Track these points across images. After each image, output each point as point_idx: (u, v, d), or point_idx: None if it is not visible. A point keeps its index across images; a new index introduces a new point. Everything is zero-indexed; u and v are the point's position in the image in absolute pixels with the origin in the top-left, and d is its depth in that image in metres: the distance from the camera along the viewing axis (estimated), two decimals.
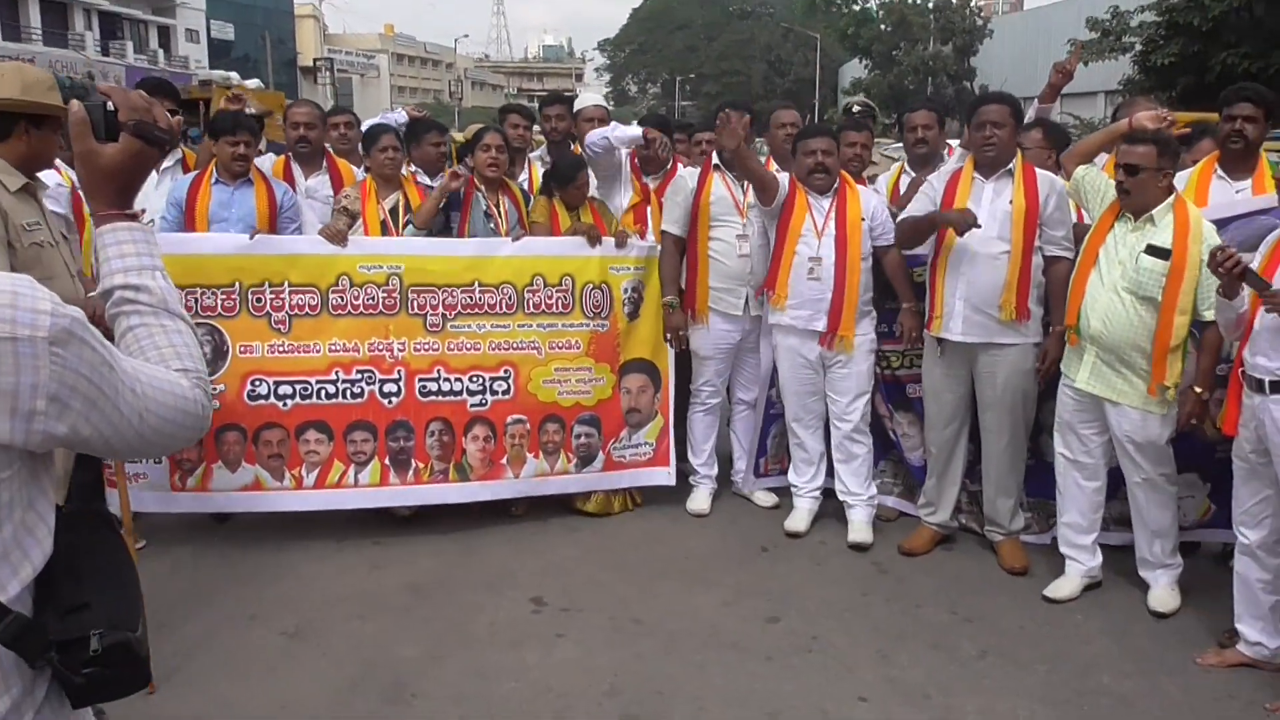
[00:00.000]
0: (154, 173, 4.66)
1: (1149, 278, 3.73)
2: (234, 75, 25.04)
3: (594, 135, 5.06)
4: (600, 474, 4.91)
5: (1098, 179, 4.09)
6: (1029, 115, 5.26)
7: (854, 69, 45.08)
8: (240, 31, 47.00)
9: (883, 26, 40.65)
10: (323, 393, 4.54)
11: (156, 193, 4.72)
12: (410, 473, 4.63)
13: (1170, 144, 3.87)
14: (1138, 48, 22.10)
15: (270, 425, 4.50)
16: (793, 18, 55.91)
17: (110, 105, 1.39)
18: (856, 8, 44.11)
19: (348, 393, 4.56)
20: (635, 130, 5.17)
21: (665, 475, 5.06)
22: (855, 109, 6.45)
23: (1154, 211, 3.78)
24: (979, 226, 4.14)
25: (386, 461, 4.60)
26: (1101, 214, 3.95)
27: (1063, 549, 4.19)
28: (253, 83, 23.85)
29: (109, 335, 3.06)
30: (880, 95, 38.90)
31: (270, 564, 4.37)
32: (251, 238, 4.47)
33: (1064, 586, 4.11)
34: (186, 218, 4.62)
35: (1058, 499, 4.21)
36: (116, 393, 1.21)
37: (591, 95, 5.81)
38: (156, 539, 4.53)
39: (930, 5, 39.20)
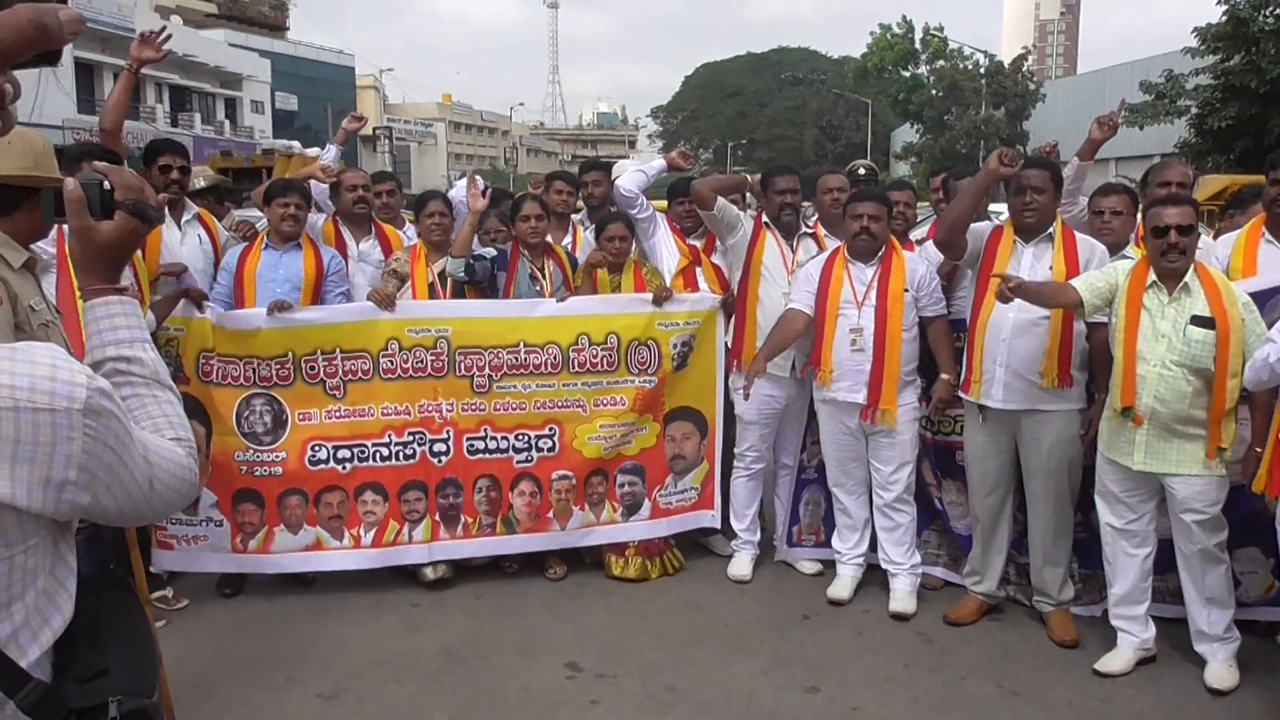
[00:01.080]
0: (176, 228, 4.80)
1: (1201, 349, 3.64)
2: (295, 144, 25.77)
3: (621, 181, 5.14)
4: (648, 522, 4.94)
5: (1101, 282, 3.92)
6: (1068, 172, 5.22)
7: (905, 133, 45.26)
8: (304, 102, 48.53)
9: (934, 92, 40.81)
10: (378, 455, 4.67)
11: (183, 248, 4.81)
12: (459, 527, 4.73)
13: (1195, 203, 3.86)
14: (1193, 111, 21.91)
15: (331, 488, 4.65)
16: (844, 84, 56.37)
17: (107, 184, 1.43)
18: (908, 74, 44.33)
19: (400, 454, 4.68)
20: (657, 162, 5.29)
21: (710, 518, 5.07)
22: (861, 171, 6.44)
23: (1187, 279, 3.72)
24: (1019, 160, 4.14)
25: (437, 518, 4.71)
26: (1126, 290, 3.83)
27: (1114, 621, 4.05)
28: (313, 151, 24.55)
29: None
30: (932, 159, 38.95)
31: (308, 626, 4.38)
32: (270, 312, 4.51)
33: (1116, 660, 3.97)
34: (235, 280, 4.73)
35: (1106, 569, 4.08)
36: (133, 461, 1.24)
37: (629, 162, 5.90)
38: (197, 599, 4.57)
39: (982, 71, 39.33)
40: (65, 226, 1.46)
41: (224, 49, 42.58)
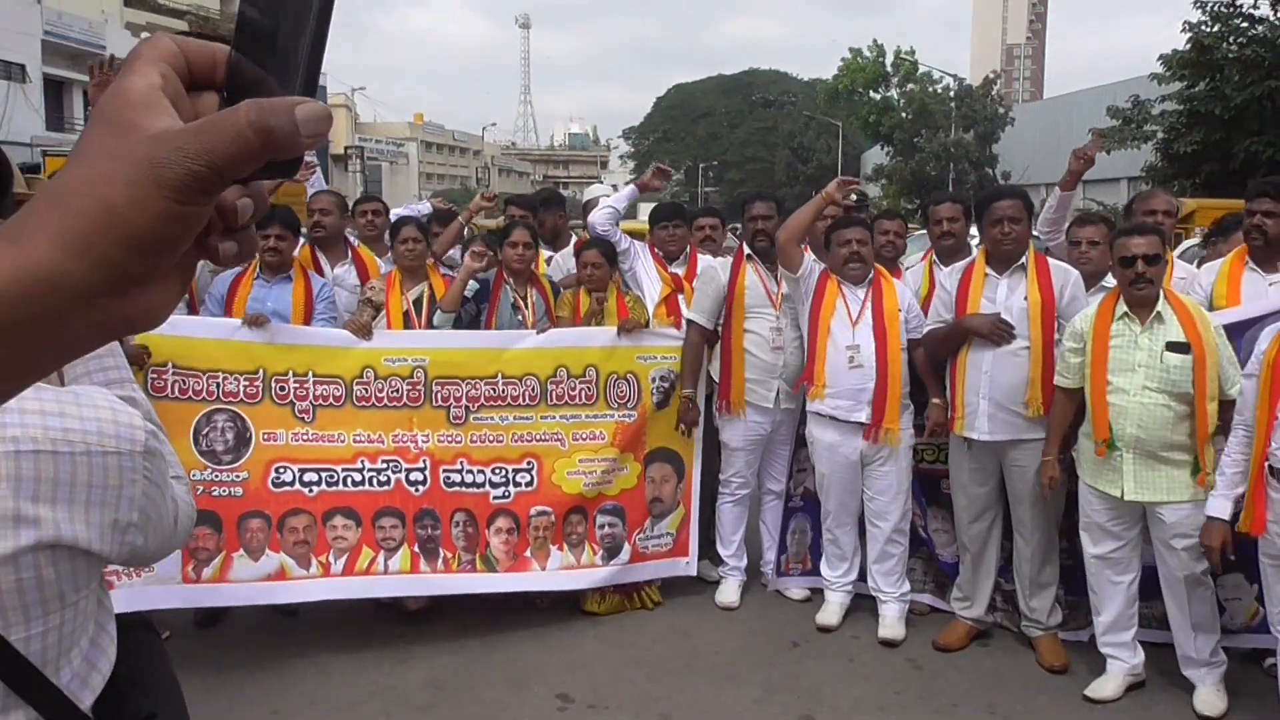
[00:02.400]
0: None
1: (1179, 374, 3.69)
2: None
3: (593, 217, 5.17)
4: (626, 566, 4.80)
5: (1069, 359, 3.97)
6: (1050, 202, 5.28)
7: (876, 155, 45.64)
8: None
9: (904, 114, 41.22)
10: (349, 480, 4.46)
11: None
12: (440, 561, 4.54)
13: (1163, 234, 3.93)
14: (1160, 135, 22.28)
15: (296, 511, 4.38)
16: (815, 106, 56.88)
17: None
18: (878, 96, 44.76)
19: (374, 480, 4.49)
20: (627, 190, 5.31)
21: (685, 565, 4.97)
22: (853, 198, 6.45)
23: (1159, 308, 3.77)
24: (1013, 331, 4.15)
25: (416, 549, 4.50)
26: (1093, 323, 3.88)
27: (1103, 648, 4.06)
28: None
29: None
30: (902, 181, 39.30)
31: (292, 657, 4.31)
32: (246, 324, 4.37)
33: (1106, 686, 3.98)
34: (225, 310, 4.61)
35: (1091, 597, 4.10)
36: (166, 501, 1.25)
37: (599, 188, 5.91)
38: (179, 630, 4.47)
39: (951, 94, 39.80)
40: None
41: None
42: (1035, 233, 4.66)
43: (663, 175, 5.49)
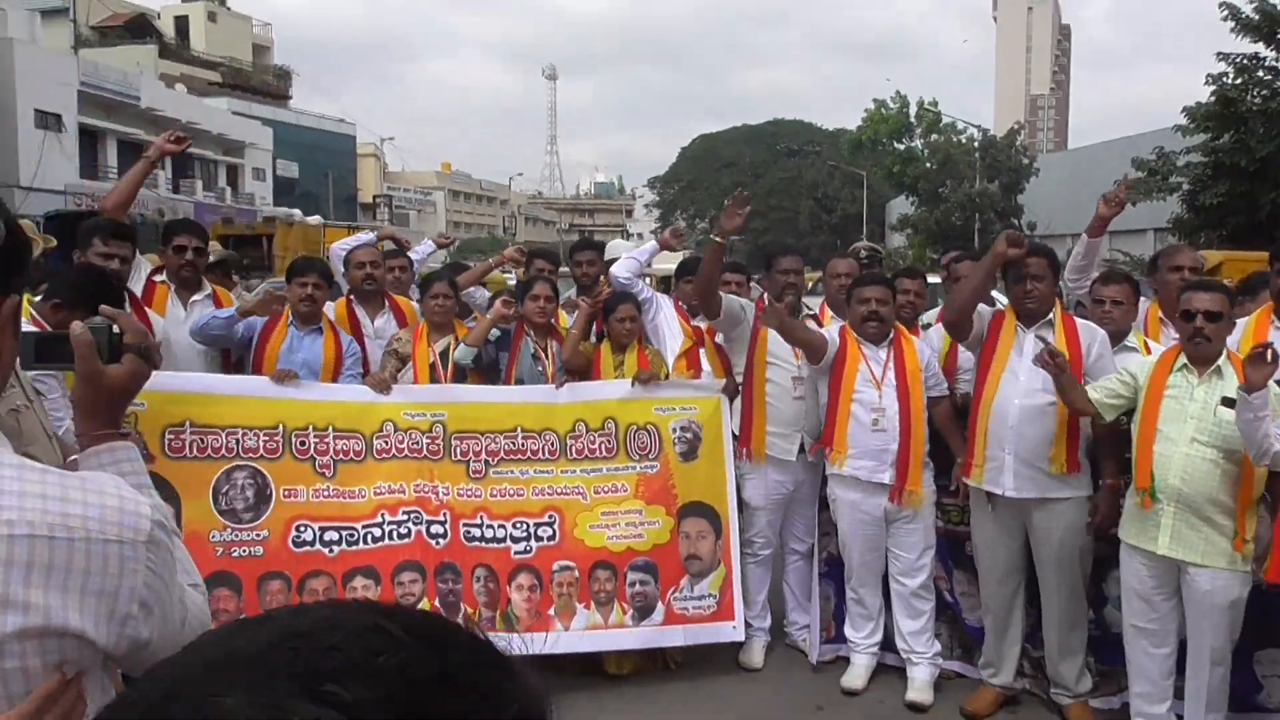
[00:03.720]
0: (181, 308, 4.72)
1: (1231, 429, 3.60)
2: (296, 212, 26.02)
3: (616, 268, 5.16)
4: (660, 628, 4.63)
5: (1114, 384, 3.92)
6: (1077, 249, 5.23)
7: (901, 205, 45.75)
8: (304, 169, 49.02)
9: (928, 164, 41.35)
10: (369, 537, 4.40)
11: (185, 325, 4.67)
12: (460, 616, 4.39)
13: (1229, 290, 3.86)
14: (1185, 187, 22.21)
15: (316, 573, 4.33)
16: (839, 156, 57.19)
17: (116, 328, 1.40)
18: (902, 147, 44.96)
19: (394, 533, 4.42)
20: (649, 245, 5.32)
21: (732, 630, 4.74)
22: (863, 254, 6.45)
23: (1220, 363, 3.71)
24: (1021, 246, 4.14)
25: (437, 603, 4.37)
26: (1151, 372, 3.83)
27: (1135, 718, 3.94)
28: (314, 218, 24.75)
29: None
30: (927, 231, 39.29)
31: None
32: (275, 380, 4.39)
33: None
34: (255, 356, 4.63)
35: (1128, 668, 3.98)
36: (173, 599, 1.21)
37: (620, 244, 5.94)
38: None
39: (975, 144, 39.92)
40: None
41: (227, 117, 43.11)
42: (1062, 281, 4.63)
43: (676, 236, 5.55)
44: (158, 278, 4.76)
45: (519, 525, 4.58)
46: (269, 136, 45.32)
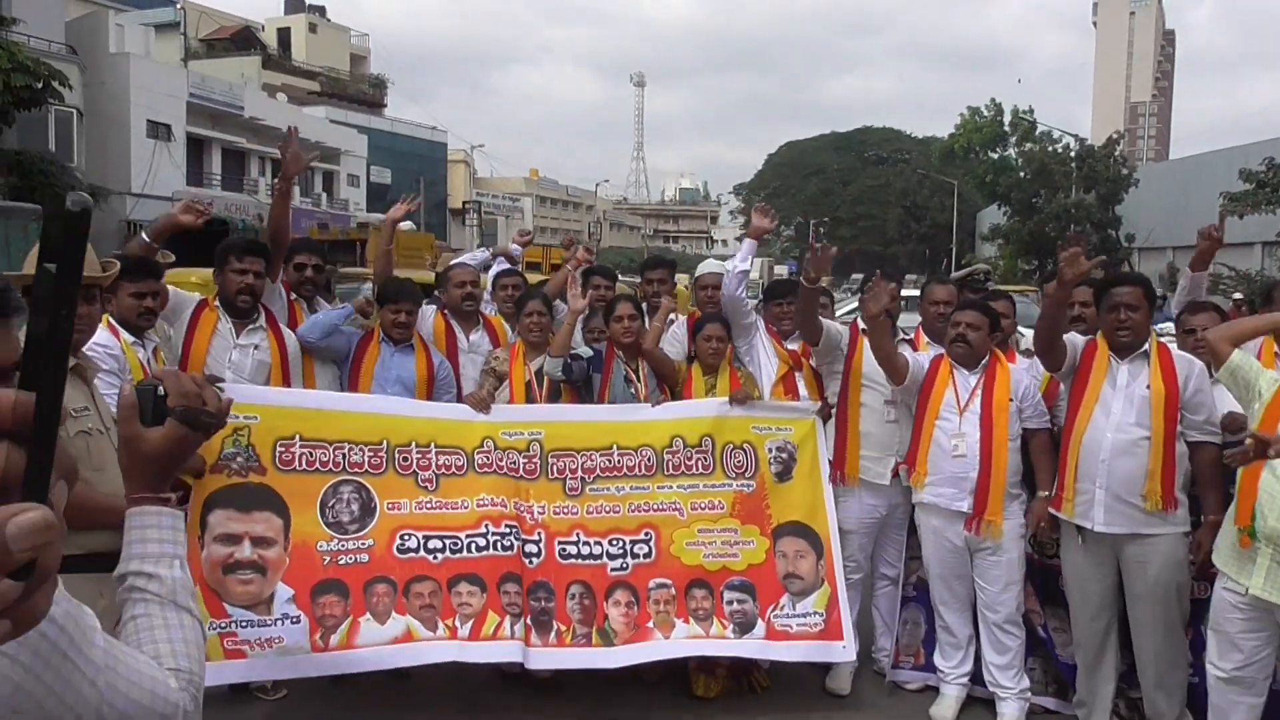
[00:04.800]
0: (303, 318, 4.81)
1: None
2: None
3: (730, 287, 5.14)
4: (764, 642, 4.57)
5: (1252, 367, 3.77)
6: (1182, 283, 5.10)
7: (992, 214, 44.87)
8: (397, 176, 50.03)
9: (1022, 174, 40.45)
10: (473, 546, 4.40)
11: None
12: (552, 634, 4.38)
13: None
14: None
15: (421, 578, 4.32)
16: (929, 164, 56.29)
17: (161, 390, 1.35)
18: (995, 156, 44.08)
19: (498, 544, 4.41)
20: (745, 246, 5.34)
21: (842, 649, 4.62)
22: (982, 279, 6.27)
23: None
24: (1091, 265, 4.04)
25: (529, 620, 4.35)
26: (1266, 405, 3.65)
27: None
28: (406, 225, 25.27)
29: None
30: (1020, 242, 38.42)
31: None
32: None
33: None
34: (351, 374, 4.77)
35: (1211, 714, 3.81)
36: (67, 686, 1.08)
37: (712, 263, 5.86)
38: (295, 687, 4.58)
39: (1072, 154, 38.92)
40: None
41: (325, 125, 44.29)
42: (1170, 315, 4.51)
43: (763, 213, 5.38)
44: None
45: (615, 542, 4.60)
46: (364, 144, 46.45)
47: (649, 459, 4.74)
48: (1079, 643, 4.33)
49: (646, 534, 4.66)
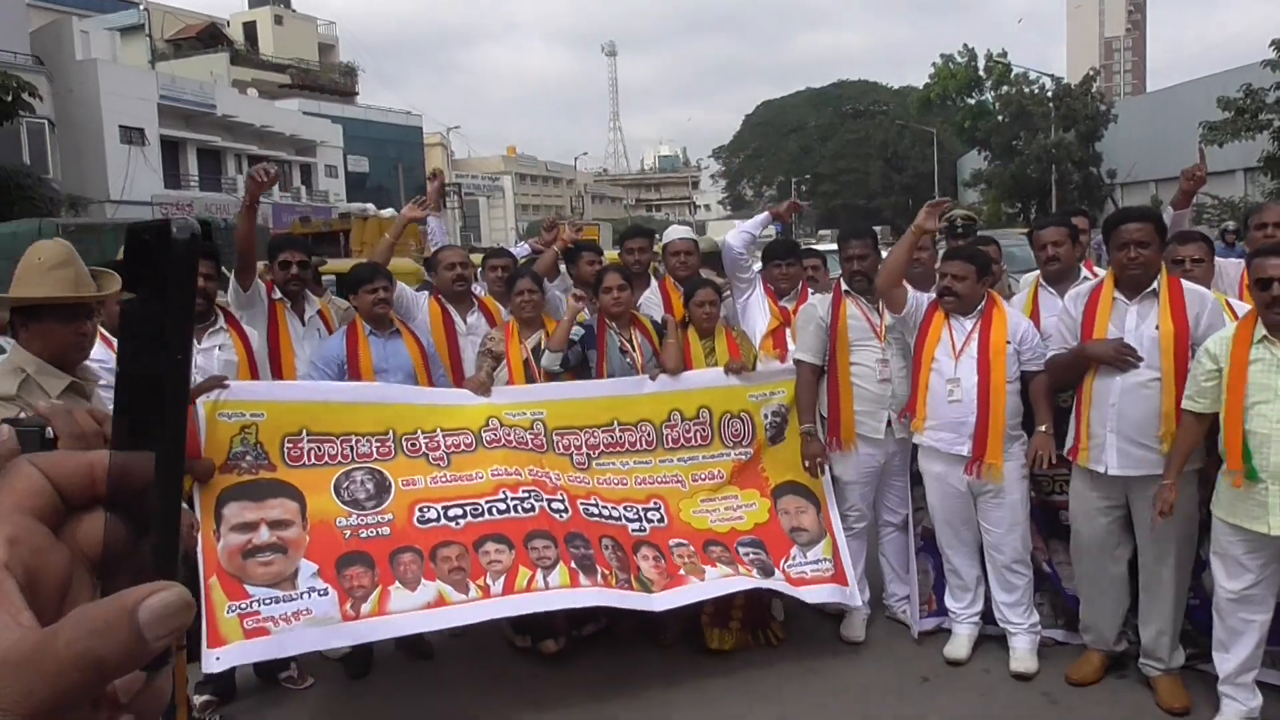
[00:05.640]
0: (300, 322, 4.82)
1: None
2: (370, 206, 26.44)
3: (730, 238, 5.28)
4: (785, 583, 4.66)
5: (1200, 380, 3.78)
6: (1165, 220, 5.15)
7: (973, 160, 44.77)
8: (374, 164, 49.79)
9: (1000, 118, 40.35)
10: (493, 510, 4.39)
11: (305, 343, 4.89)
12: (598, 576, 4.30)
13: None
14: (1276, 124, 21.38)
15: (446, 543, 4.27)
16: (907, 114, 56.08)
17: (50, 432, 1.22)
18: (972, 101, 43.90)
19: (518, 508, 4.41)
20: (761, 216, 5.38)
21: (848, 594, 4.75)
22: (959, 225, 6.28)
23: None
24: (1140, 360, 4.01)
25: (573, 565, 4.27)
26: (1231, 346, 3.68)
27: (1221, 687, 3.88)
28: (387, 211, 25.16)
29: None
30: (1002, 186, 38.41)
31: (432, 699, 4.47)
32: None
33: None
34: (350, 373, 4.72)
35: (1217, 634, 3.90)
36: None
37: (679, 229, 5.91)
38: (322, 677, 4.67)
39: (1049, 94, 38.82)
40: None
41: (298, 118, 43.99)
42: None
43: (795, 210, 5.46)
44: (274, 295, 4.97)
45: (630, 509, 4.67)
46: (339, 134, 46.15)
47: (649, 434, 4.82)
48: (1082, 576, 4.40)
49: (655, 503, 4.75)
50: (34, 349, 2.73)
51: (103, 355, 3.73)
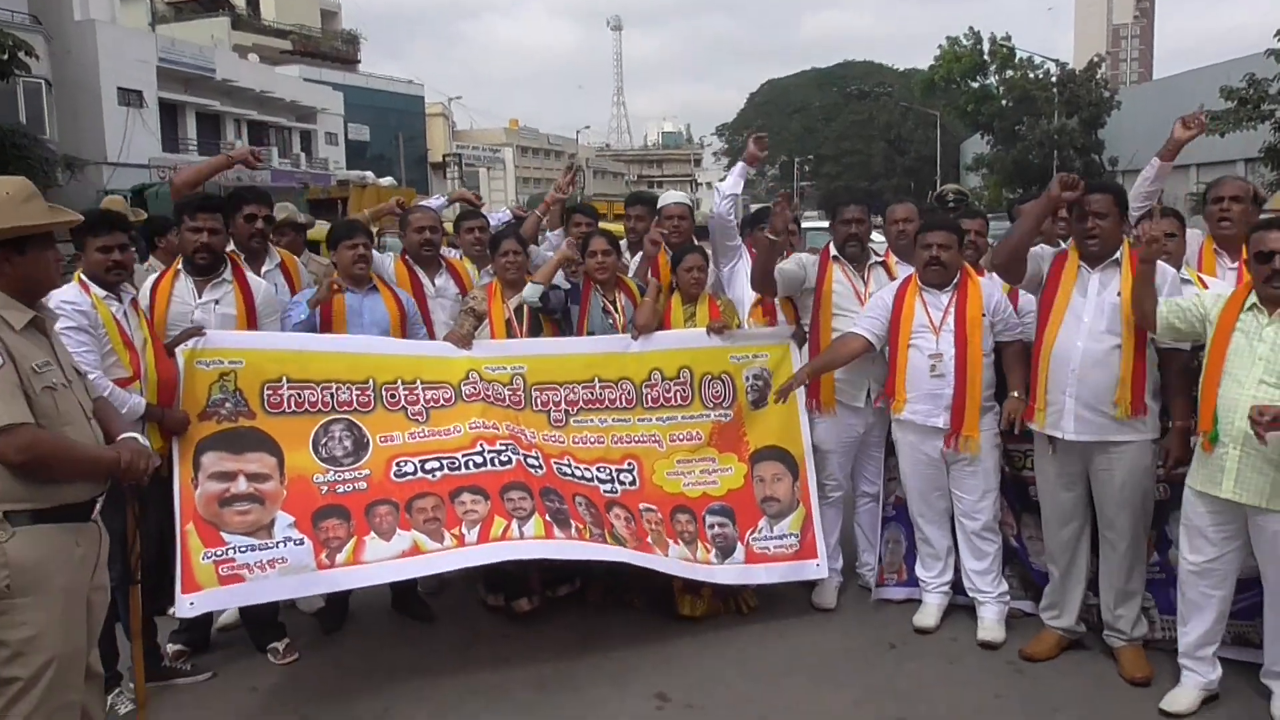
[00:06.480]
0: (258, 278, 4.71)
1: None
2: (369, 174, 26.42)
3: (722, 208, 5.27)
4: (744, 566, 4.73)
5: (1187, 305, 3.84)
6: (1146, 173, 5.13)
7: (976, 144, 44.68)
8: (375, 133, 49.60)
9: (1004, 102, 40.20)
10: (470, 464, 4.44)
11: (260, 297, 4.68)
12: (572, 529, 4.35)
13: None
14: (1278, 114, 21.31)
15: (422, 495, 4.33)
16: (912, 97, 55.86)
17: None
18: (976, 85, 43.72)
19: (495, 460, 4.45)
20: (736, 169, 5.37)
21: (815, 567, 4.84)
22: (950, 199, 6.31)
23: None
24: (1077, 189, 4.08)
25: (548, 518, 4.31)
26: (1221, 310, 3.73)
27: (1181, 660, 3.93)
28: (386, 180, 25.15)
29: (140, 490, 2.99)
30: (1004, 171, 38.32)
31: (405, 657, 4.50)
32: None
33: (1181, 699, 3.86)
34: (323, 326, 4.70)
35: (1180, 608, 3.95)
36: None
37: (675, 194, 5.91)
38: (304, 633, 4.69)
39: (1053, 79, 38.66)
40: None
41: (299, 84, 43.79)
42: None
43: (759, 144, 5.35)
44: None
45: (602, 470, 4.70)
46: (340, 101, 45.96)
47: (628, 392, 4.84)
48: (1051, 553, 4.41)
49: (630, 464, 4.78)
50: (2, 285, 2.74)
51: (76, 298, 3.75)
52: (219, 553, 3.97)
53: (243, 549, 4.01)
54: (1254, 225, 3.81)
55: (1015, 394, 4.42)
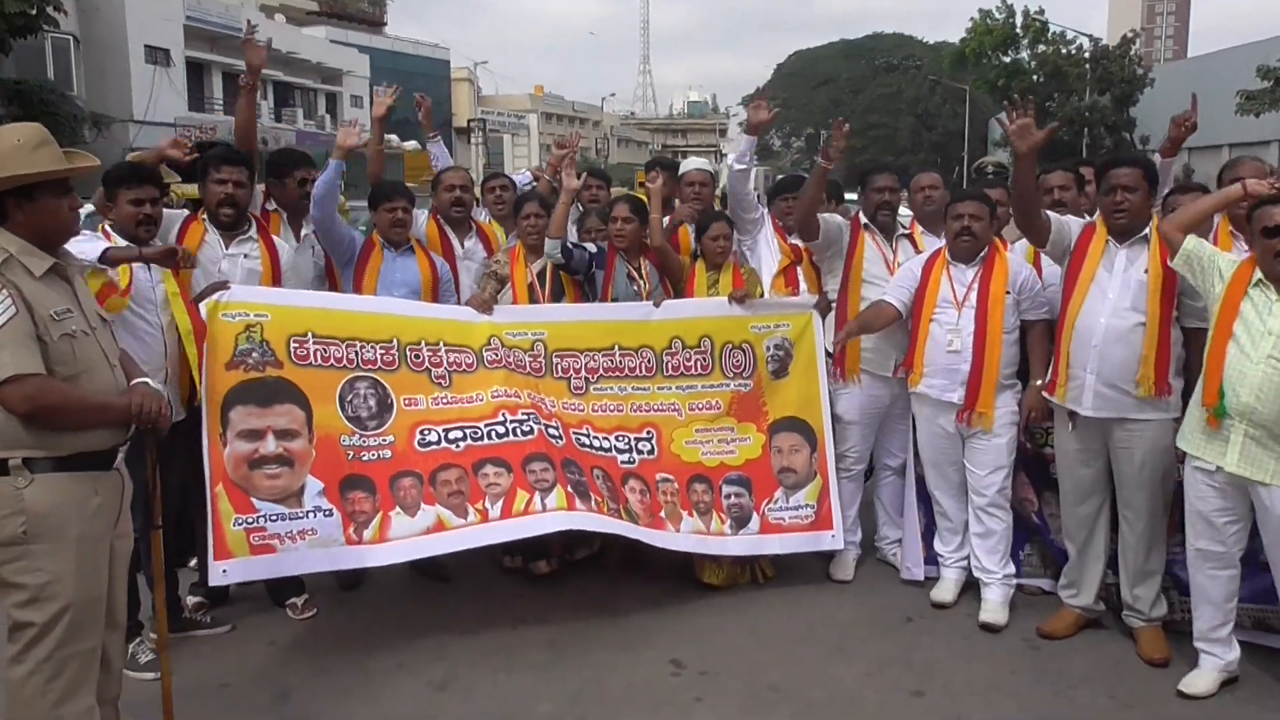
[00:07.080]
0: (295, 240, 4.75)
1: None
2: (393, 137, 26.36)
3: (738, 186, 5.17)
4: (758, 537, 4.75)
5: (1207, 251, 3.79)
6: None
7: (1005, 120, 44.08)
8: (400, 96, 49.45)
9: (1035, 77, 39.63)
10: (493, 434, 4.47)
11: (298, 258, 4.76)
12: (592, 502, 4.39)
13: None
14: None
15: (446, 466, 4.37)
16: (940, 70, 55.13)
17: None
18: (1007, 59, 43.07)
19: (518, 430, 4.49)
20: (744, 141, 5.25)
21: (831, 539, 4.86)
22: (989, 170, 6.22)
23: None
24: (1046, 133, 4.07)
25: (569, 490, 4.36)
26: (1228, 284, 3.66)
27: (1197, 643, 3.89)
28: (410, 144, 25.09)
29: (159, 437, 3.01)
30: None
31: (420, 615, 4.53)
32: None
33: (1199, 681, 3.83)
34: (355, 279, 4.78)
35: (1191, 591, 3.92)
36: None
37: (696, 160, 5.84)
38: (323, 591, 4.71)
39: (1086, 55, 38.07)
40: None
41: (325, 45, 43.63)
42: None
43: (760, 107, 5.17)
44: (269, 205, 4.93)
45: (621, 438, 4.71)
46: (365, 63, 45.77)
47: (649, 360, 4.82)
48: (1069, 530, 4.38)
49: (648, 432, 4.78)
50: (21, 232, 2.73)
51: (89, 249, 3.69)
52: (250, 520, 3.99)
53: (274, 517, 4.04)
54: (1259, 200, 3.73)
55: (1038, 384, 4.36)
